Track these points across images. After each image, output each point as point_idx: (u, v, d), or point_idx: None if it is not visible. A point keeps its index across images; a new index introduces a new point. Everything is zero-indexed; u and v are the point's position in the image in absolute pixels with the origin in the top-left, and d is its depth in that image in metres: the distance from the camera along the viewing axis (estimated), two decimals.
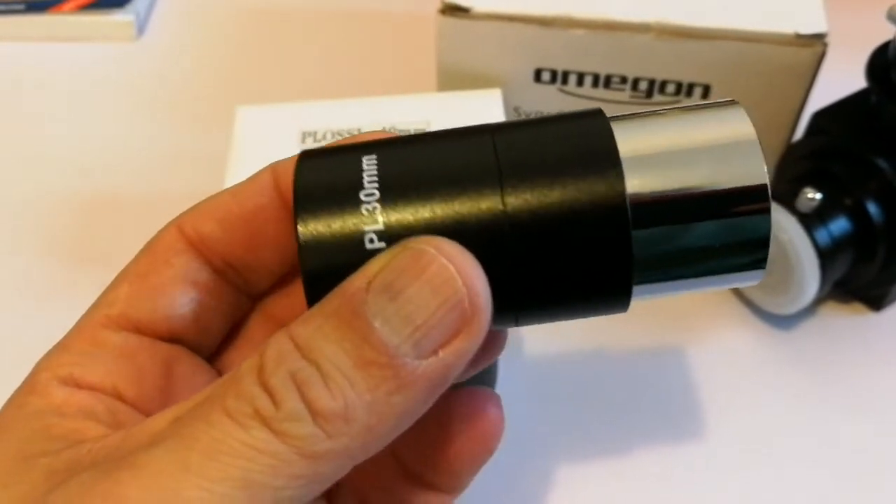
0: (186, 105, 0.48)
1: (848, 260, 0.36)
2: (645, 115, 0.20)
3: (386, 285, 0.16)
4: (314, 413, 0.16)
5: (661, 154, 0.19)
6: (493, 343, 0.21)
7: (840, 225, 0.36)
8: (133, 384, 0.20)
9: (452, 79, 0.40)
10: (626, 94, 0.39)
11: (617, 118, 0.19)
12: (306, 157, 0.20)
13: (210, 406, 0.16)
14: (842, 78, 0.39)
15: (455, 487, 0.22)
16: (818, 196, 0.35)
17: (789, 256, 0.35)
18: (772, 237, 0.19)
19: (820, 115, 0.38)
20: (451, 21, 0.38)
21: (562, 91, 0.40)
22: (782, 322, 0.38)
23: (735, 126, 0.19)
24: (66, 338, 0.20)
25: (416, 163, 0.19)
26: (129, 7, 0.51)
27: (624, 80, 0.39)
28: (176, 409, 0.18)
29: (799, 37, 0.36)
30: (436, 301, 0.16)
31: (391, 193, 0.18)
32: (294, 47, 0.52)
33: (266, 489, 0.16)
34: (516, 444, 0.35)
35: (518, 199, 0.18)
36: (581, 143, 0.19)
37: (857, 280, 0.38)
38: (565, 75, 0.39)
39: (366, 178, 0.18)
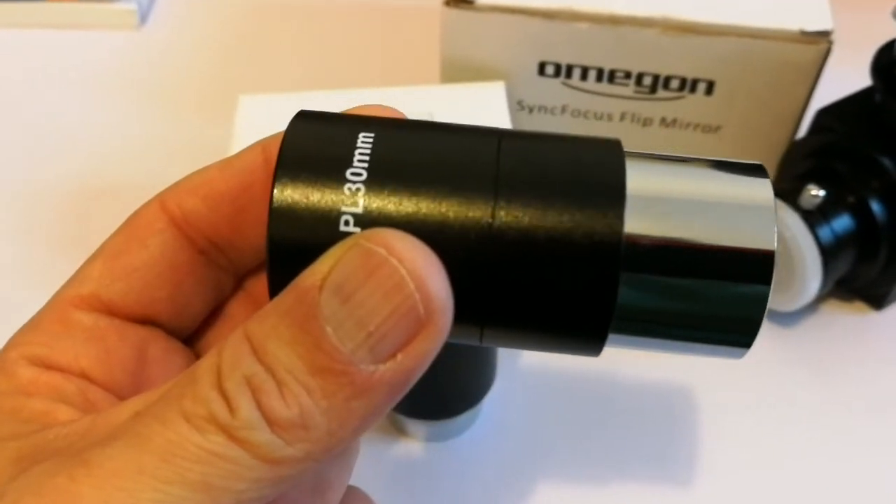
0: (189, 94, 0.48)
1: (850, 258, 0.36)
2: (664, 158, 0.19)
3: (337, 287, 0.16)
4: (270, 422, 0.16)
5: (669, 199, 0.18)
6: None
7: (843, 222, 0.36)
8: (102, 368, 0.19)
9: (456, 71, 0.40)
10: (630, 88, 0.39)
11: (634, 154, 0.18)
12: (302, 117, 0.19)
13: (167, 405, 0.16)
14: (846, 75, 0.39)
15: None
16: (821, 193, 0.35)
17: (792, 253, 0.35)
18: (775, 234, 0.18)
19: (824, 113, 0.38)
20: (456, 13, 0.38)
21: (566, 85, 0.40)
22: (784, 319, 0.38)
23: (755, 188, 0.18)
24: (38, 314, 0.20)
25: (412, 151, 0.18)
26: None
27: (628, 74, 0.39)
28: (141, 399, 0.17)
29: (804, 34, 0.36)
30: (388, 306, 0.16)
31: (379, 177, 0.17)
32: (298, 37, 0.51)
33: (227, 492, 0.16)
34: (515, 443, 0.35)
35: (508, 215, 0.17)
36: (589, 170, 0.18)
37: (859, 279, 0.38)
38: (569, 69, 0.39)
39: (357, 156, 0.18)
